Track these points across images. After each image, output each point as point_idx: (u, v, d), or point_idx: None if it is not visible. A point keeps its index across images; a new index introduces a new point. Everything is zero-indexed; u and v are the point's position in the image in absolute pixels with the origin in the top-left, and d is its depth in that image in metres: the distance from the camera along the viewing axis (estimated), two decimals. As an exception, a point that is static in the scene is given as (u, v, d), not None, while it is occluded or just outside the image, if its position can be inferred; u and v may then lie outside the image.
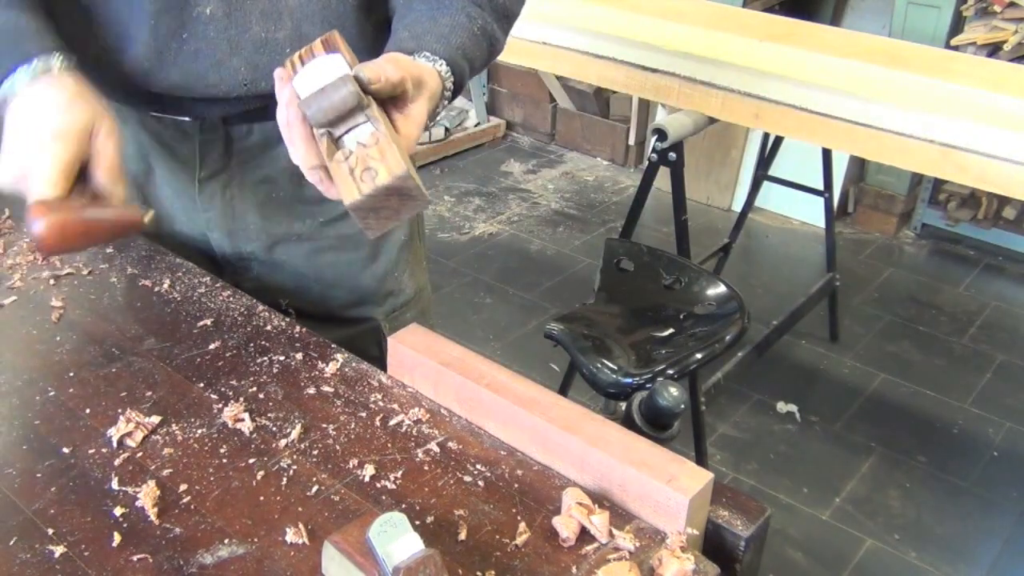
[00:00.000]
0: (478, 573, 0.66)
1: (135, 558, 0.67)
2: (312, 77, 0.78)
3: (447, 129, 4.13)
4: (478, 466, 0.77)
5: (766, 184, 2.88)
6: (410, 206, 0.76)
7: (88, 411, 0.81)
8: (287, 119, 0.78)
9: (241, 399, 0.83)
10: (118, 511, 0.71)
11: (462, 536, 0.69)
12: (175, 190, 1.09)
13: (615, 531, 0.69)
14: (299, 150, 0.78)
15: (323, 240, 1.12)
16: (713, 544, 0.71)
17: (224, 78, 0.98)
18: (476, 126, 4.28)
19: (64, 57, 0.86)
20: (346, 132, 0.77)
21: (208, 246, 1.12)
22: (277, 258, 1.12)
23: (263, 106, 1.00)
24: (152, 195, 1.11)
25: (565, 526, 0.69)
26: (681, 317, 1.84)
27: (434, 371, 0.83)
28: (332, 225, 1.11)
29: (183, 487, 0.73)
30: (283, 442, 0.79)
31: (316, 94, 0.76)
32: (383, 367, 0.89)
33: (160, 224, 1.13)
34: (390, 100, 0.81)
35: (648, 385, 1.47)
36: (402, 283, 1.19)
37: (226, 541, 0.69)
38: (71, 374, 0.87)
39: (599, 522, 0.69)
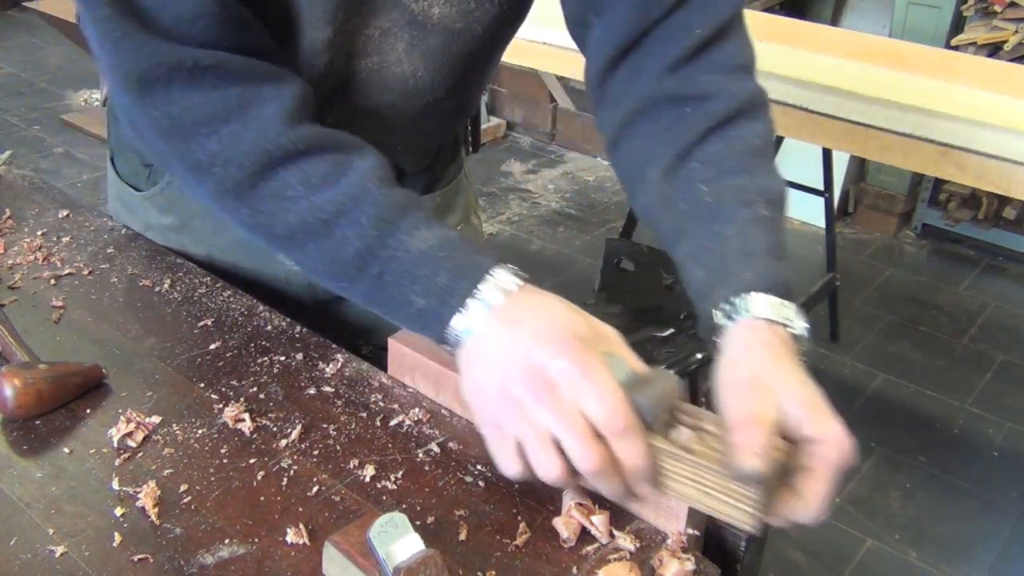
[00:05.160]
0: (478, 573, 0.66)
1: (135, 558, 0.67)
2: None
3: (447, 129, 4.13)
4: (478, 466, 0.77)
5: (766, 184, 2.88)
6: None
7: (88, 411, 0.81)
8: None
9: (241, 399, 0.83)
10: (118, 511, 0.71)
11: (462, 536, 0.69)
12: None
13: (615, 531, 0.69)
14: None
15: None
16: (713, 544, 0.71)
17: None
18: (476, 126, 4.29)
19: (511, 267, 0.69)
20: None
21: (281, 291, 1.07)
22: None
23: None
24: (221, 241, 1.06)
25: (565, 526, 0.69)
26: (681, 317, 1.84)
27: (434, 371, 0.83)
28: None
29: (183, 487, 0.73)
30: (283, 442, 0.79)
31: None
32: None
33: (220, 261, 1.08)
34: None
35: (648, 385, 1.46)
36: None
37: (226, 541, 0.69)
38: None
39: (599, 522, 0.69)
